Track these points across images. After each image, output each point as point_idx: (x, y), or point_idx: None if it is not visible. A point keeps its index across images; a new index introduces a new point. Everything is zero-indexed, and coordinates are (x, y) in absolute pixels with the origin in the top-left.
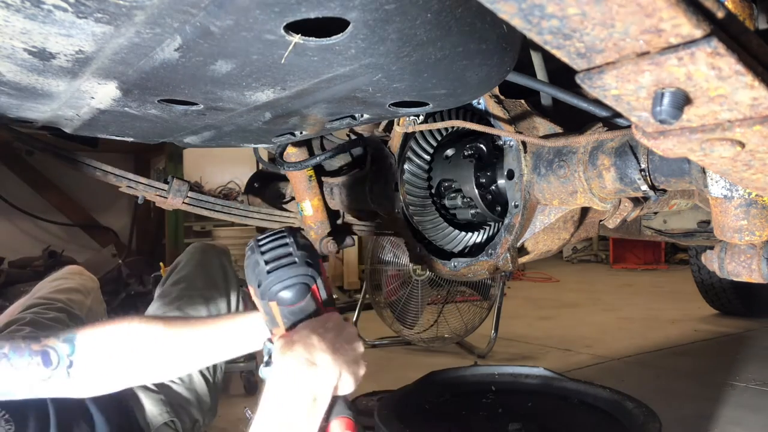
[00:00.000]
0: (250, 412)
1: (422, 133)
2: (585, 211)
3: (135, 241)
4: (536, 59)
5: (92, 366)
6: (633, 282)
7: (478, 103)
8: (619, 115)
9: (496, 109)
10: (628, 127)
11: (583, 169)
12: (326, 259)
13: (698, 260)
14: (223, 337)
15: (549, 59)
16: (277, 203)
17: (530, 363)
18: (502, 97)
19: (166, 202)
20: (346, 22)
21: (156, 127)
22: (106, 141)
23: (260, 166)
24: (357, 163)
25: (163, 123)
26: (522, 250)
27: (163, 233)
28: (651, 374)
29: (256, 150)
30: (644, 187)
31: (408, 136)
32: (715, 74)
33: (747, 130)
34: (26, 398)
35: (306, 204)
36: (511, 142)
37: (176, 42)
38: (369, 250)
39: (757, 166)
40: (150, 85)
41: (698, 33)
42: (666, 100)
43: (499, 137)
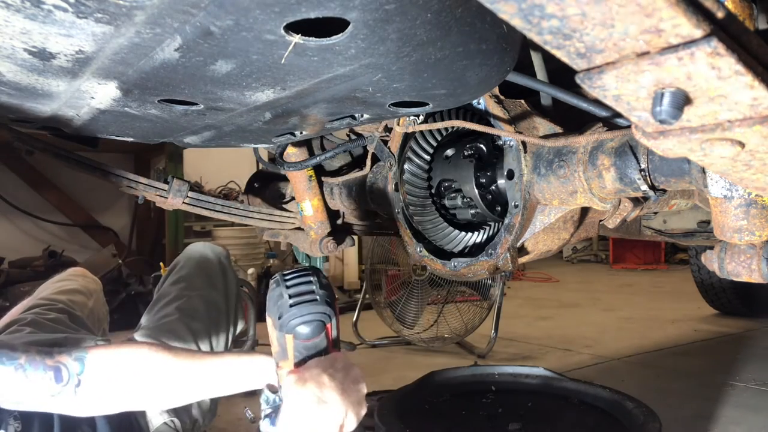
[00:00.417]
0: (250, 412)
1: (422, 133)
2: (585, 211)
3: (135, 241)
4: (536, 59)
5: (98, 387)
6: (633, 282)
7: (478, 103)
8: (619, 115)
9: (496, 109)
10: (628, 127)
11: (583, 169)
12: (326, 259)
13: (698, 260)
14: (226, 374)
15: (549, 59)
16: (277, 203)
17: (530, 363)
18: (502, 97)
19: (166, 202)
20: (346, 22)
21: (156, 127)
22: (106, 141)
23: (260, 166)
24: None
25: (163, 123)
26: (522, 250)
27: (163, 233)
28: (651, 374)
29: (256, 150)
30: (644, 187)
31: (408, 136)
32: (715, 74)
33: (747, 130)
34: (36, 410)
35: (306, 204)
36: (511, 142)
37: (176, 42)
38: (369, 250)
39: (757, 166)
40: (150, 85)
41: (698, 33)
42: (666, 100)
43: (499, 137)
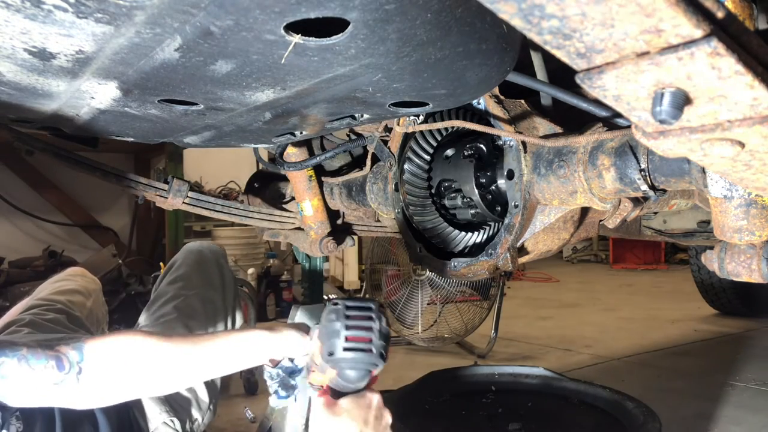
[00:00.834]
0: (250, 412)
1: (422, 133)
2: (585, 211)
3: (135, 241)
4: (536, 59)
5: (99, 375)
6: (633, 282)
7: (478, 103)
8: (619, 115)
9: (496, 109)
10: (628, 127)
11: (583, 169)
12: (326, 259)
13: (698, 260)
14: (222, 354)
15: (549, 59)
16: (277, 203)
17: (530, 363)
18: (502, 97)
19: (166, 202)
20: (346, 22)
21: (156, 127)
22: (106, 141)
23: (260, 166)
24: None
25: (163, 123)
26: (522, 250)
27: (163, 233)
28: (651, 374)
29: (256, 150)
30: (644, 187)
31: (408, 136)
32: (715, 74)
33: (747, 130)
34: (42, 404)
35: (306, 204)
36: (511, 142)
37: (176, 42)
38: (369, 250)
39: (757, 166)
40: (150, 85)
41: (698, 33)
42: (666, 100)
43: (499, 137)
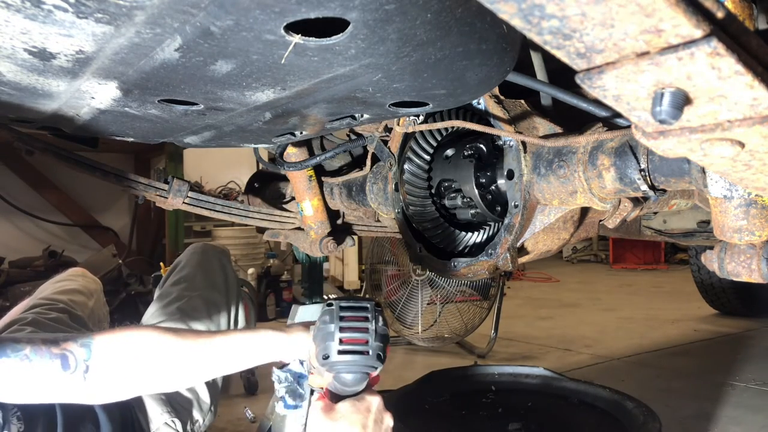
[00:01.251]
0: (251, 412)
1: (422, 133)
2: (585, 211)
3: (135, 241)
4: (536, 59)
5: (107, 372)
6: (633, 282)
7: (478, 103)
8: (619, 115)
9: (496, 109)
10: (628, 127)
11: (583, 169)
12: (326, 259)
13: (698, 260)
14: (232, 351)
15: (549, 59)
16: (277, 203)
17: (530, 363)
18: (502, 97)
19: (166, 202)
20: (346, 22)
21: (156, 127)
22: (106, 141)
23: (260, 166)
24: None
25: (164, 123)
26: (522, 250)
27: (163, 233)
28: (651, 374)
29: (256, 150)
30: (644, 187)
31: (408, 136)
32: (715, 74)
33: (747, 130)
34: (41, 403)
35: (306, 204)
36: (511, 142)
37: (176, 42)
38: (369, 250)
39: (757, 166)
40: (150, 85)
41: (698, 33)
42: (666, 100)
43: (499, 137)
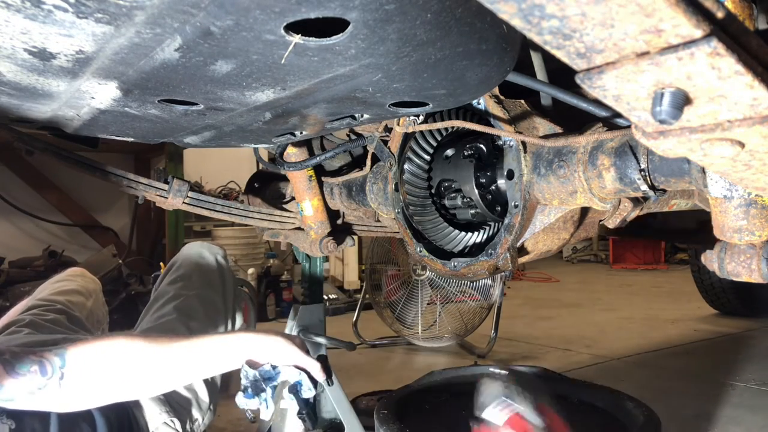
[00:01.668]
0: (251, 412)
1: (422, 133)
2: (585, 211)
3: (135, 241)
4: (536, 59)
5: (81, 380)
6: (633, 282)
7: (478, 103)
8: (619, 115)
9: (496, 109)
10: (628, 127)
11: (583, 169)
12: (326, 259)
13: (698, 260)
14: (204, 355)
15: (549, 59)
16: (277, 203)
17: (530, 363)
18: (502, 97)
19: (166, 202)
20: (346, 22)
21: (156, 127)
22: (106, 141)
23: (260, 166)
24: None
25: (164, 123)
26: (522, 250)
27: (163, 233)
28: (651, 374)
29: (256, 150)
30: (644, 187)
31: (408, 136)
32: (715, 74)
33: (747, 130)
34: (26, 408)
35: (306, 204)
36: (511, 142)
37: (176, 42)
38: (369, 250)
39: (757, 166)
40: (150, 85)
41: (698, 33)
42: (666, 100)
43: (499, 137)
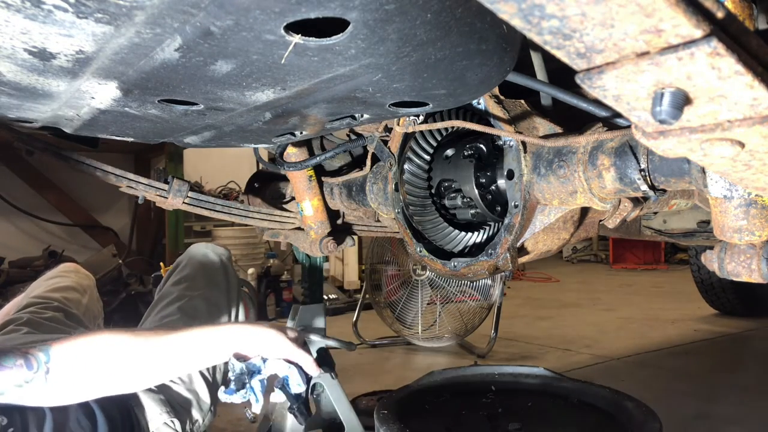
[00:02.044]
0: (251, 412)
1: (422, 133)
2: (585, 211)
3: (135, 241)
4: (536, 59)
5: (66, 374)
6: (633, 282)
7: (478, 103)
8: (619, 115)
9: (496, 109)
10: (628, 127)
11: (583, 169)
12: (326, 259)
13: (698, 260)
14: (190, 347)
15: (549, 59)
16: (277, 203)
17: (530, 363)
18: (502, 97)
19: (166, 202)
20: (346, 22)
21: (156, 127)
22: (106, 141)
23: (260, 166)
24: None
25: (164, 123)
26: (522, 250)
27: (163, 233)
28: (651, 374)
29: (256, 150)
30: (644, 187)
31: (408, 136)
32: (715, 74)
33: (747, 130)
34: (15, 402)
35: (306, 204)
36: (511, 142)
37: (176, 42)
38: (369, 250)
39: (757, 166)
40: (150, 85)
41: (698, 33)
42: (666, 100)
43: (499, 137)
